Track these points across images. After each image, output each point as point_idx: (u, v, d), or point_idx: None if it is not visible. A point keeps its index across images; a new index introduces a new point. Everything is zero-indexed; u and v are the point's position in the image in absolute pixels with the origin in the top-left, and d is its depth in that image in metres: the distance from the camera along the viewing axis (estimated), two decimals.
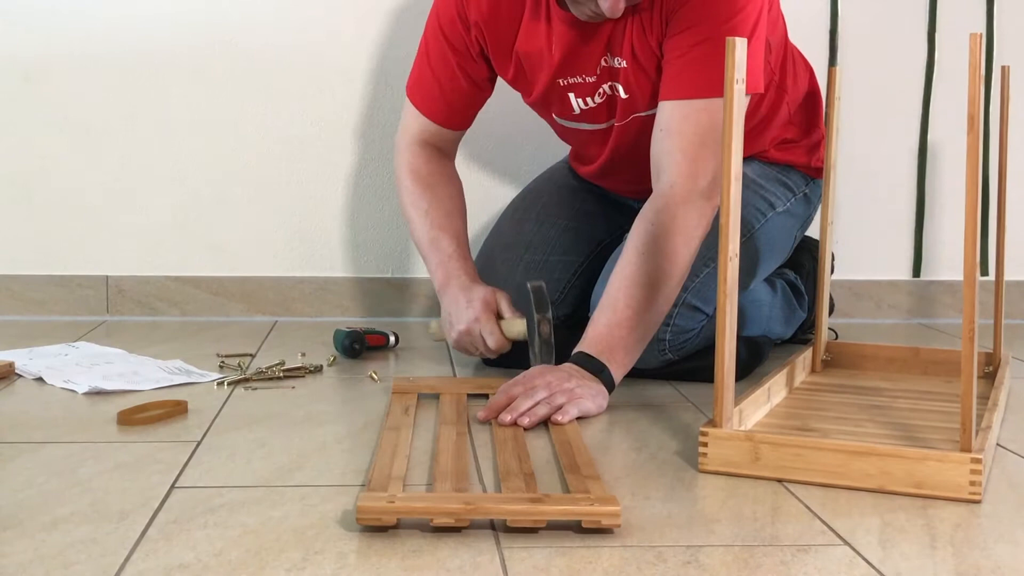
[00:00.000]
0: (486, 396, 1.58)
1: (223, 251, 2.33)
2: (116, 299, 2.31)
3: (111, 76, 2.27)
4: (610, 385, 1.51)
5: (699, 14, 1.53)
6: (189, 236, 2.33)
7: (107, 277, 2.31)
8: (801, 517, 1.11)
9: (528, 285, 1.62)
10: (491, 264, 1.89)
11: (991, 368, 1.70)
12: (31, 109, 2.27)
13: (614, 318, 1.52)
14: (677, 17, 1.55)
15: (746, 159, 1.77)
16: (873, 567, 0.98)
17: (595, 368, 1.49)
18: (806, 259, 2.09)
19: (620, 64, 1.63)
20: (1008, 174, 1.72)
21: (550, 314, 1.60)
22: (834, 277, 2.42)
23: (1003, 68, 1.67)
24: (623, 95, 1.66)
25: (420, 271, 2.36)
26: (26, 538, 1.02)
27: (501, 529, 1.05)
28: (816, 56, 2.37)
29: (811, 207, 1.94)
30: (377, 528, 1.05)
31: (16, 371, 1.73)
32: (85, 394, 1.59)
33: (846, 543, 1.04)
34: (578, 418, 1.45)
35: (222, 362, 1.84)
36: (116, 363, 1.80)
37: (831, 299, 2.18)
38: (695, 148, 1.53)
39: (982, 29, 2.40)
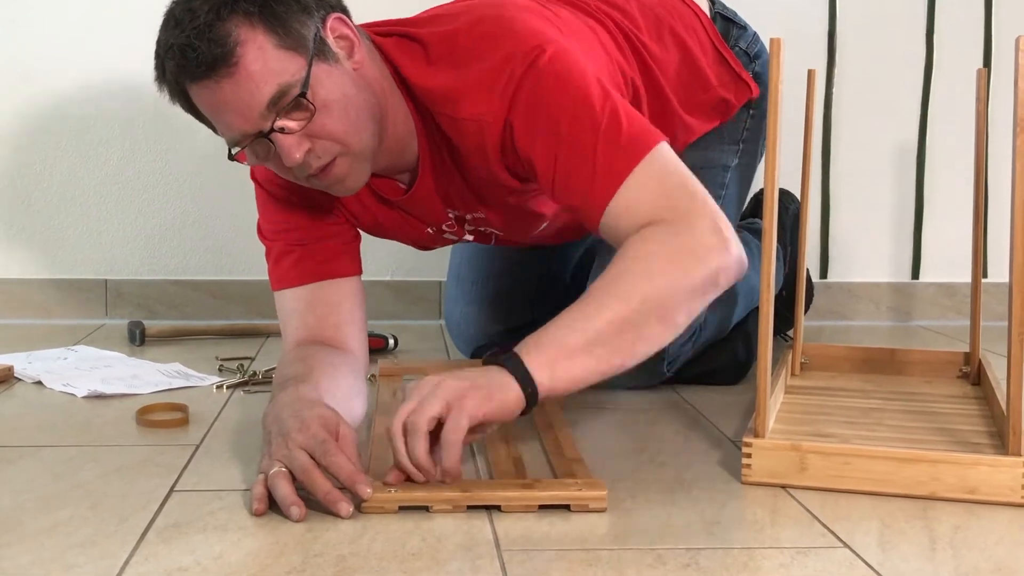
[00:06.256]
0: None
1: (223, 254, 2.33)
2: (115, 302, 2.31)
3: (110, 78, 2.27)
4: (525, 380, 1.12)
5: (538, 140, 1.26)
6: (188, 239, 2.33)
7: (106, 280, 2.31)
8: (801, 520, 1.11)
9: None
10: (464, 280, 1.87)
11: (968, 368, 1.71)
12: (30, 111, 2.27)
13: (569, 323, 1.17)
14: (522, 150, 1.28)
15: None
16: (873, 569, 0.98)
17: (507, 362, 1.13)
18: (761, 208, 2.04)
19: (477, 215, 1.45)
20: (1001, 176, 1.71)
21: None
22: (832, 279, 2.43)
23: (978, 71, 1.66)
24: (499, 232, 1.52)
25: (419, 274, 2.36)
26: (26, 541, 1.02)
27: (497, 510, 1.05)
28: (815, 56, 2.37)
29: (748, 150, 1.75)
30: (378, 528, 1.05)
31: (15, 375, 1.72)
32: (84, 398, 1.59)
33: (846, 545, 1.04)
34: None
35: (221, 365, 1.84)
36: (115, 366, 1.80)
37: (812, 286, 2.19)
38: (665, 204, 1.22)
39: (980, 30, 2.41)
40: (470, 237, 1.54)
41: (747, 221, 2.06)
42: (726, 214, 1.29)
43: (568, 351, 1.14)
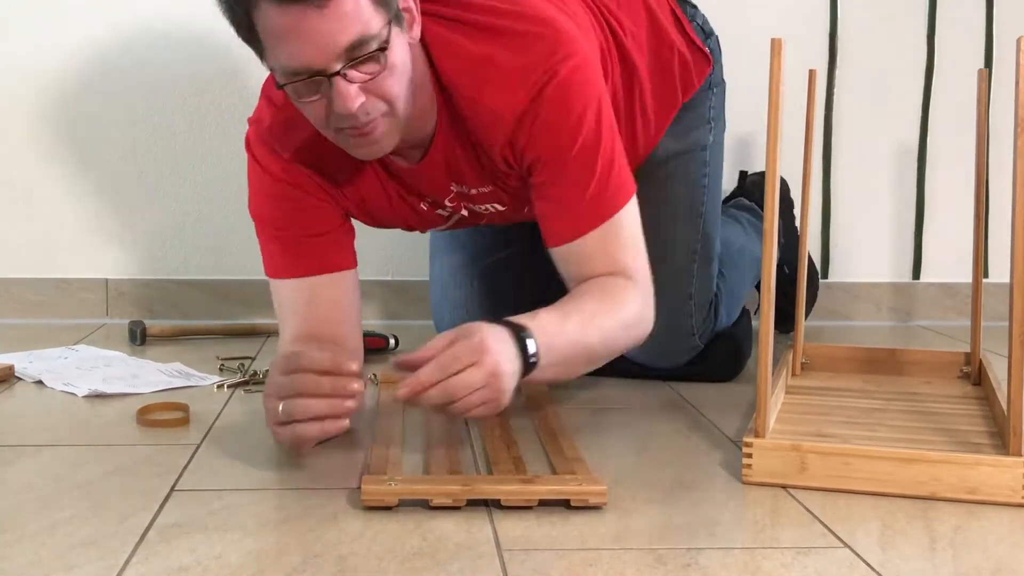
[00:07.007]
0: None
1: (223, 254, 2.33)
2: (116, 302, 2.31)
3: (110, 79, 2.27)
4: (524, 351, 1.23)
5: (544, 147, 1.36)
6: (189, 239, 2.33)
7: (107, 280, 2.31)
8: (801, 520, 1.11)
9: None
10: (447, 285, 1.88)
11: (969, 368, 1.71)
12: (30, 110, 2.27)
13: (570, 314, 1.31)
14: (527, 151, 1.38)
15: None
16: (873, 569, 0.98)
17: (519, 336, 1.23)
18: (754, 189, 2.13)
19: (483, 190, 1.49)
20: (1002, 177, 1.71)
21: None
22: (833, 279, 2.43)
23: (980, 72, 1.67)
24: (500, 208, 1.53)
25: (419, 274, 2.36)
26: (26, 541, 1.02)
27: (497, 509, 1.05)
28: (816, 57, 2.37)
29: (718, 127, 1.79)
30: (378, 528, 1.05)
31: (16, 374, 1.73)
32: (85, 397, 1.59)
33: (846, 545, 1.04)
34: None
35: (222, 365, 1.84)
36: (116, 366, 1.80)
37: (814, 269, 2.23)
38: (616, 261, 1.38)
39: (981, 31, 2.40)
40: (465, 213, 1.55)
41: (734, 201, 2.12)
42: (712, 194, 1.74)
43: (563, 345, 1.28)
